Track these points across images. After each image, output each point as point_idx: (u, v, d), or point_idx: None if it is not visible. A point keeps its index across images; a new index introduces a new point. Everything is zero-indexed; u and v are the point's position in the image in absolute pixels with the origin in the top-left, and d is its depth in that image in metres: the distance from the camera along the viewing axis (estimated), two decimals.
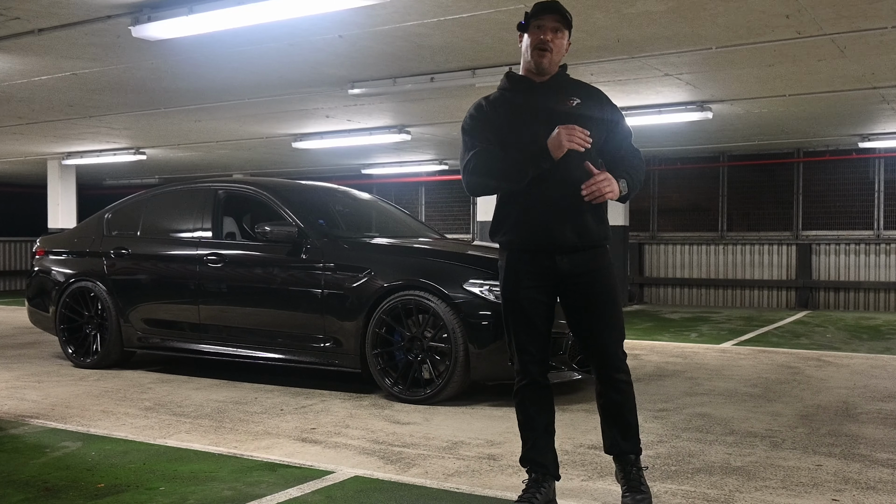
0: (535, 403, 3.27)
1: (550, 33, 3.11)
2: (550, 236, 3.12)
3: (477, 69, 7.25)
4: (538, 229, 3.13)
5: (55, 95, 8.56)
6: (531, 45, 3.13)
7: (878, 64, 7.06)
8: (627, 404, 3.22)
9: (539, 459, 3.26)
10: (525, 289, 3.18)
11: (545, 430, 3.28)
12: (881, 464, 3.98)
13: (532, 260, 3.17)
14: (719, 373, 6.67)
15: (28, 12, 5.56)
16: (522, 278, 3.18)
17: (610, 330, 3.19)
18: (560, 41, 3.14)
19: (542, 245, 3.15)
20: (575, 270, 3.15)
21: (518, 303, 3.20)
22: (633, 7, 5.49)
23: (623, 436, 3.23)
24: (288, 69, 7.38)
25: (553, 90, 3.18)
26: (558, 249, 3.13)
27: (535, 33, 3.13)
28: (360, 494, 3.50)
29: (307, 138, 11.59)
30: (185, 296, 6.46)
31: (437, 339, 5.37)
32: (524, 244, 3.18)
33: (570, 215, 3.11)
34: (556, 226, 3.11)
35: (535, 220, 3.13)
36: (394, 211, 7.57)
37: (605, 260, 3.21)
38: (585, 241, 3.14)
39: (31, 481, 3.71)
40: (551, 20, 3.11)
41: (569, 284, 3.17)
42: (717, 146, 13.25)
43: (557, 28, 3.13)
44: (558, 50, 3.14)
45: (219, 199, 6.66)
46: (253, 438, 4.48)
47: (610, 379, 3.21)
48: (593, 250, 3.17)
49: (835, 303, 13.30)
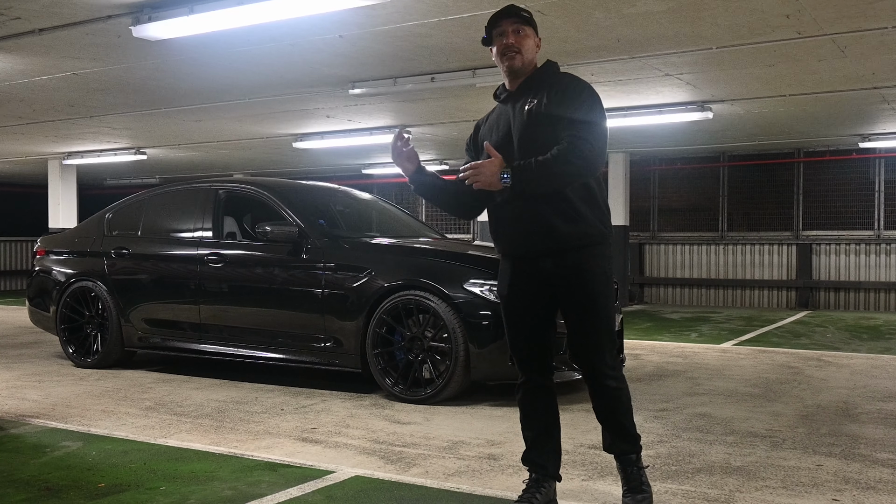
0: (532, 403, 3.27)
1: (513, 36, 3.14)
2: (523, 243, 3.15)
3: (477, 69, 7.26)
4: (512, 237, 3.18)
5: (56, 95, 8.57)
6: (498, 51, 3.18)
7: (878, 64, 7.06)
8: (619, 408, 3.18)
9: (538, 459, 3.26)
10: (516, 290, 3.21)
11: (544, 430, 3.27)
12: (881, 464, 3.98)
13: (520, 264, 3.20)
14: (719, 373, 6.67)
15: (28, 12, 5.57)
16: (514, 281, 3.22)
17: (592, 333, 3.12)
18: (525, 40, 3.16)
19: (519, 251, 3.19)
20: (559, 272, 3.12)
21: (510, 303, 3.24)
22: (633, 7, 5.49)
23: (619, 437, 3.22)
24: (288, 69, 7.38)
25: (521, 94, 3.19)
26: (537, 254, 3.13)
27: (498, 41, 3.17)
28: (361, 494, 3.50)
29: (308, 138, 11.59)
30: (186, 296, 6.46)
31: (438, 338, 5.37)
32: (508, 251, 3.24)
33: (535, 221, 3.08)
34: (525, 232, 3.12)
35: (508, 228, 3.19)
36: (394, 211, 7.57)
37: (592, 261, 3.11)
38: (559, 244, 3.08)
39: (32, 481, 3.72)
40: (510, 24, 3.15)
41: (557, 287, 3.16)
42: (717, 146, 13.25)
43: (518, 29, 3.15)
44: (527, 49, 3.16)
45: (219, 199, 6.66)
46: (253, 438, 4.49)
47: (595, 384, 3.18)
48: (576, 251, 3.09)
49: (835, 303, 13.30)
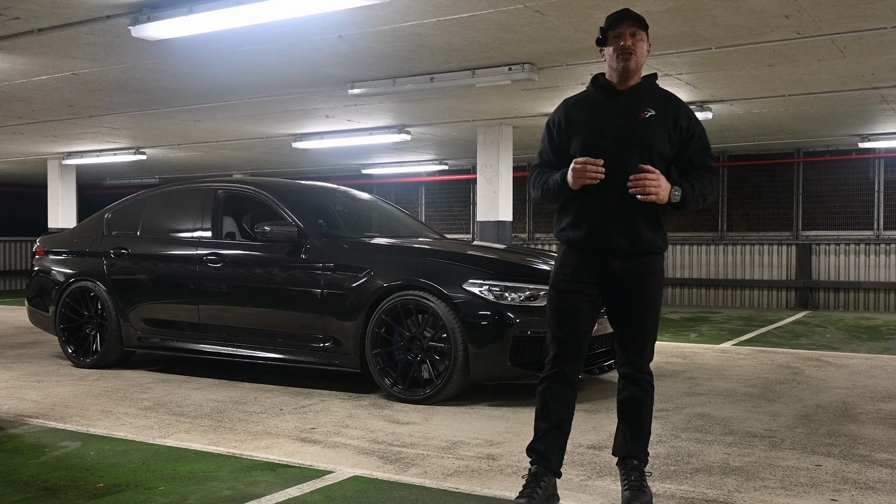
0: (555, 396, 3.32)
1: (630, 38, 3.25)
2: (603, 240, 3.24)
3: (476, 69, 7.26)
4: (592, 232, 3.25)
5: (55, 95, 8.57)
6: (614, 52, 3.27)
7: (877, 64, 7.07)
8: (646, 405, 3.34)
9: (544, 452, 3.30)
10: (573, 283, 3.29)
11: (558, 424, 3.33)
12: (880, 464, 3.98)
13: (585, 258, 3.29)
14: (719, 373, 6.67)
15: (28, 12, 5.57)
16: (572, 273, 3.30)
17: (644, 332, 3.30)
18: (640, 44, 3.27)
19: (595, 247, 3.26)
20: (623, 273, 3.25)
21: (564, 294, 3.31)
22: (633, 7, 5.47)
23: (634, 438, 3.34)
24: (288, 69, 7.38)
25: (632, 99, 3.29)
26: (610, 253, 3.25)
27: (614, 42, 3.27)
28: (360, 494, 3.50)
29: (307, 138, 11.59)
30: (185, 296, 6.46)
31: (437, 338, 5.36)
32: (579, 244, 3.29)
33: (623, 222, 3.21)
34: (609, 231, 3.22)
35: (590, 223, 3.25)
36: (393, 211, 7.57)
37: (655, 267, 3.31)
38: (637, 248, 3.23)
39: (31, 481, 3.71)
40: (628, 26, 3.26)
41: (615, 285, 3.28)
42: (717, 146, 13.25)
43: (635, 32, 3.27)
44: (641, 52, 3.27)
45: (218, 199, 6.65)
46: (252, 438, 4.48)
47: (633, 376, 3.33)
48: (645, 257, 3.26)
49: (835, 303, 13.30)
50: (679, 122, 3.27)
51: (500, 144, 10.62)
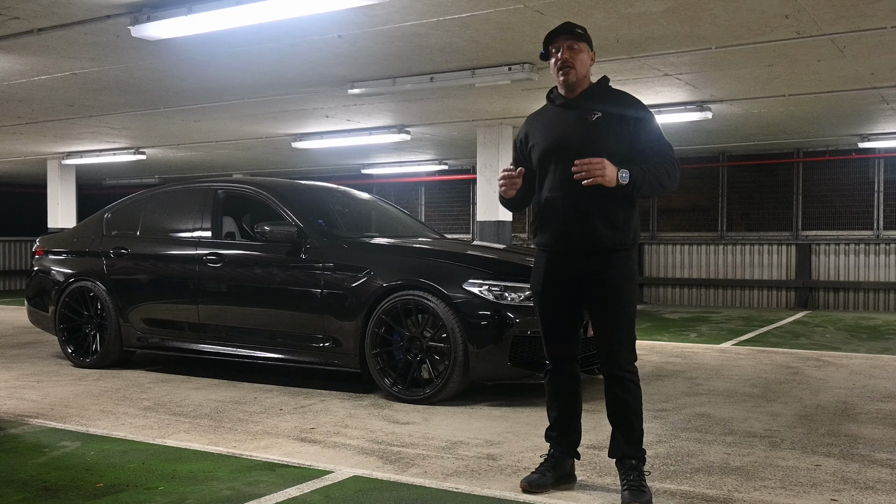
0: (558, 387, 3.56)
1: (567, 52, 3.38)
2: (563, 241, 3.42)
3: (476, 69, 7.26)
4: (554, 235, 3.45)
5: (55, 95, 8.57)
6: (554, 65, 3.45)
7: (877, 64, 7.06)
8: (631, 404, 3.39)
9: (557, 437, 3.54)
10: (545, 284, 3.49)
11: (566, 410, 3.56)
12: (880, 464, 3.98)
13: (555, 260, 3.47)
14: (719, 373, 6.67)
15: (28, 12, 5.57)
16: (544, 275, 3.50)
17: (617, 328, 3.39)
18: (579, 55, 3.40)
19: (558, 249, 3.45)
20: (589, 271, 3.38)
21: (539, 296, 3.54)
22: (632, 7, 5.49)
23: (626, 438, 3.39)
24: (287, 69, 7.38)
25: (582, 106, 3.42)
26: (572, 253, 3.41)
27: (554, 56, 3.44)
28: (359, 494, 3.50)
29: (307, 138, 11.59)
30: (185, 295, 6.46)
31: (437, 338, 5.36)
32: (546, 247, 3.50)
33: (579, 223, 3.37)
34: (569, 232, 3.40)
35: (553, 226, 3.45)
36: (393, 211, 7.56)
37: (621, 263, 3.40)
38: (596, 247, 3.37)
39: (30, 481, 3.71)
40: (564, 40, 3.41)
41: (586, 284, 3.40)
42: (716, 146, 13.26)
43: (572, 45, 3.39)
44: (580, 63, 3.40)
45: (218, 199, 6.65)
46: (252, 438, 4.48)
47: (616, 375, 3.40)
48: (609, 254, 3.37)
49: (834, 303, 13.30)
50: (627, 118, 3.38)
51: (499, 144, 10.63)
